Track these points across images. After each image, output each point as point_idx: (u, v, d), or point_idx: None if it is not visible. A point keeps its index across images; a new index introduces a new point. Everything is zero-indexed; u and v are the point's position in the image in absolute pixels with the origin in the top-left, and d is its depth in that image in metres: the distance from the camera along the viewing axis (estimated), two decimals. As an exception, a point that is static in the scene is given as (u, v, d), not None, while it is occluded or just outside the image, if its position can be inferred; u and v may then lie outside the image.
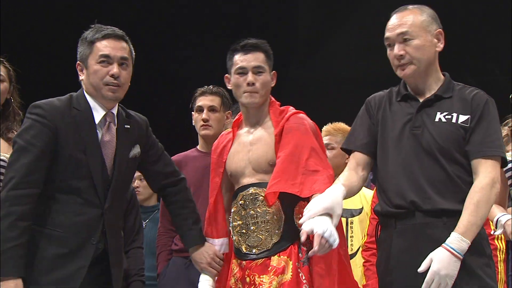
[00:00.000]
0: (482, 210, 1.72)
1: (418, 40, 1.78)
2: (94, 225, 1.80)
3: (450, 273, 1.67)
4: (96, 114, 1.84)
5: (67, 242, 1.78)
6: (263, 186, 1.91)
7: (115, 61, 1.84)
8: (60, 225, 1.79)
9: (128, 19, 5.26)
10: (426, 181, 1.78)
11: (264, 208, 1.92)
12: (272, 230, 1.92)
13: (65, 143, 1.77)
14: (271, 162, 1.96)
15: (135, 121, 1.95)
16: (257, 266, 1.90)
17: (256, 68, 1.95)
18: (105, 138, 1.85)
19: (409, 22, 1.79)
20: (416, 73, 1.80)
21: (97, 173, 1.81)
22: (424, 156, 1.79)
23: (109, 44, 1.86)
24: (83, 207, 1.81)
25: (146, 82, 5.42)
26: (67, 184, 1.79)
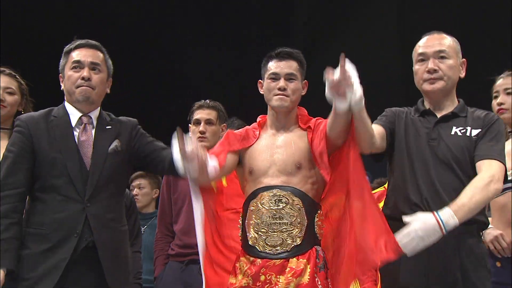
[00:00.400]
0: (476, 196, 1.82)
1: (452, 61, 1.98)
2: (76, 219, 1.91)
3: (425, 238, 1.76)
4: (73, 117, 2.01)
5: (50, 238, 1.90)
6: (287, 190, 1.97)
7: (85, 66, 2.01)
8: (43, 223, 1.92)
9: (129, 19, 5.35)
10: (442, 188, 1.91)
11: (289, 211, 1.97)
12: (295, 233, 1.97)
13: (40, 146, 1.94)
14: (297, 164, 2.03)
15: (118, 122, 2.08)
16: (275, 266, 1.94)
17: (289, 75, 2.04)
18: (82, 138, 1.99)
19: (447, 43, 2.00)
20: (443, 89, 1.98)
21: (74, 170, 1.93)
22: (440, 165, 1.93)
23: (80, 52, 2.05)
24: (64, 204, 1.92)
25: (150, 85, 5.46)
26: (48, 183, 1.94)
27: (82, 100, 2.01)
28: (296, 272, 1.93)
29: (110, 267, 1.97)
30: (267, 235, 1.99)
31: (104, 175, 1.99)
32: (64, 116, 2.02)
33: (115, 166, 2.04)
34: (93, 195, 1.96)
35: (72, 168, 1.95)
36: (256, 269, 1.97)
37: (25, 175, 1.94)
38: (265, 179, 2.03)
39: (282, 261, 1.95)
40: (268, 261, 1.96)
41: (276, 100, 2.05)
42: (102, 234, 1.96)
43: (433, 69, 1.97)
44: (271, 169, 2.04)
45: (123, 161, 2.05)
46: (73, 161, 1.96)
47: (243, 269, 2.00)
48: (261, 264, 1.97)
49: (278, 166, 2.03)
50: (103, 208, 1.98)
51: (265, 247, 1.98)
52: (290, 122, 2.12)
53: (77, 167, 1.96)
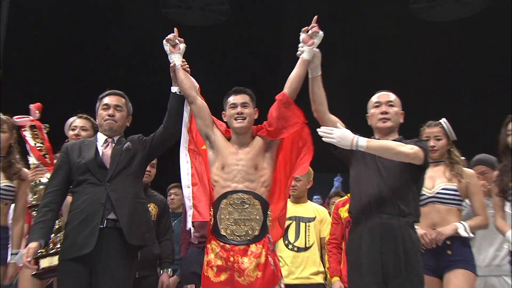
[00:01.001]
0: (388, 144, 2.24)
1: (397, 108, 2.47)
2: (100, 195, 2.39)
3: (339, 141, 2.16)
4: (100, 140, 2.58)
5: (84, 211, 2.38)
6: (250, 194, 2.33)
7: (111, 107, 2.60)
8: (79, 204, 2.41)
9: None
10: (387, 192, 2.25)
11: (250, 210, 2.32)
12: (254, 226, 2.32)
13: (72, 159, 2.50)
14: (255, 166, 2.39)
15: (130, 139, 2.60)
16: (240, 250, 2.27)
17: (243, 103, 2.46)
18: (104, 151, 2.53)
19: (394, 97, 2.48)
20: (390, 127, 2.42)
21: (93, 167, 2.45)
22: (385, 174, 2.30)
23: (109, 98, 2.63)
24: (91, 188, 2.42)
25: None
26: (78, 180, 2.47)
27: (108, 129, 2.58)
28: (256, 254, 2.26)
29: (126, 224, 2.36)
30: (234, 227, 2.30)
31: (119, 165, 2.48)
32: (93, 140, 2.61)
33: (128, 159, 2.51)
34: (111, 178, 2.44)
35: (92, 166, 2.46)
36: (226, 253, 2.28)
37: (62, 178, 2.49)
38: (232, 183, 2.35)
39: (245, 247, 2.28)
40: (234, 247, 2.28)
41: (236, 122, 2.44)
42: (119, 202, 2.39)
43: (386, 111, 2.41)
44: (236, 177, 2.36)
45: (134, 155, 2.52)
46: (92, 162, 2.47)
47: (215, 251, 2.31)
48: (229, 249, 2.28)
49: (242, 174, 2.35)
50: (120, 185, 2.43)
51: (232, 236, 2.30)
52: (248, 139, 2.46)
53: (95, 164, 2.46)
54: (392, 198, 2.25)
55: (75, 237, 2.34)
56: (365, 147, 2.18)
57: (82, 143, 2.60)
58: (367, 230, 2.26)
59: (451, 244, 2.55)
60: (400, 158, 2.23)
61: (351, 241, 2.35)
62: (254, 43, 9.12)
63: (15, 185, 2.83)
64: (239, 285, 2.25)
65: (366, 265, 2.22)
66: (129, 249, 2.39)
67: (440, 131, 2.76)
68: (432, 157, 2.75)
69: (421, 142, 2.37)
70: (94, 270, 2.33)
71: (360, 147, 2.18)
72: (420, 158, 2.24)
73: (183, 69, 2.56)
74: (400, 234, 2.20)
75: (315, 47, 2.43)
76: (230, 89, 2.61)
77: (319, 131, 2.25)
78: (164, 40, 2.58)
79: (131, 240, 2.36)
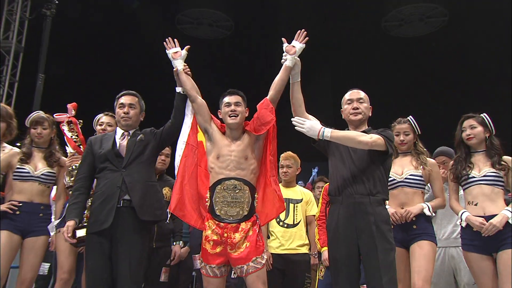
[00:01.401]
0: (349, 134, 2.22)
1: (366, 104, 2.41)
2: (117, 179, 2.38)
3: (308, 130, 2.17)
4: (118, 133, 2.55)
5: (104, 192, 2.38)
6: (241, 180, 2.29)
7: (126, 105, 2.56)
8: (101, 187, 2.41)
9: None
10: (358, 175, 2.22)
11: (241, 194, 2.29)
12: (244, 207, 2.29)
13: (94, 149, 2.49)
14: (246, 157, 2.34)
15: (143, 132, 2.56)
16: (232, 227, 2.26)
17: (236, 102, 2.42)
18: (121, 142, 2.50)
19: (363, 95, 2.42)
20: (360, 119, 2.37)
21: (111, 156, 2.43)
22: (356, 159, 2.26)
23: (124, 98, 2.59)
24: (110, 173, 2.41)
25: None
26: (99, 167, 2.46)
27: (124, 125, 2.56)
28: (245, 230, 2.27)
29: (138, 203, 2.35)
30: (228, 208, 2.28)
31: (133, 154, 2.45)
32: (112, 134, 2.58)
33: (141, 148, 2.48)
34: (126, 165, 2.42)
35: (110, 155, 2.44)
36: (221, 230, 2.27)
37: (88, 166, 2.49)
38: (226, 171, 2.32)
39: (236, 224, 2.27)
40: (228, 225, 2.27)
41: (230, 119, 2.39)
42: (133, 185, 2.38)
43: (357, 107, 2.36)
44: (229, 166, 2.33)
45: (146, 145, 2.49)
46: (110, 152, 2.45)
47: (212, 228, 2.28)
48: (223, 226, 2.27)
49: (234, 164, 2.32)
50: (134, 171, 2.42)
51: (226, 216, 2.28)
52: (240, 134, 2.41)
53: (113, 154, 2.44)
54: (362, 180, 2.23)
55: (97, 215, 2.35)
56: (330, 137, 2.17)
57: (103, 137, 2.59)
58: (343, 208, 2.24)
59: (416, 220, 2.54)
60: (361, 146, 2.21)
61: (330, 218, 2.32)
62: (253, 53, 9.18)
63: (55, 171, 2.85)
64: (232, 256, 2.25)
65: (343, 238, 2.20)
66: (142, 224, 2.38)
67: (408, 127, 2.72)
68: (401, 149, 2.74)
69: (385, 131, 2.32)
70: (114, 241, 2.34)
71: (326, 137, 2.17)
72: (380, 145, 2.20)
73: (184, 72, 2.53)
74: (372, 209, 2.18)
75: (296, 55, 2.40)
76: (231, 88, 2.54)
77: (293, 120, 2.23)
78: (166, 49, 2.57)
79: (142, 217, 2.35)
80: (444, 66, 8.67)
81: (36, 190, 2.75)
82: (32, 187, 2.74)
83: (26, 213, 2.69)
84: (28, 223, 2.68)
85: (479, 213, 2.50)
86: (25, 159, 2.77)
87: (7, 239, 2.60)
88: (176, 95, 2.55)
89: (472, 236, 2.48)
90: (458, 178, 2.62)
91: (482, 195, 2.51)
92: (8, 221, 2.64)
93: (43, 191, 2.79)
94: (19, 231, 2.66)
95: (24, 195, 2.72)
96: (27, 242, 2.68)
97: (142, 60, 8.57)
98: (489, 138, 2.61)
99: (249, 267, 2.23)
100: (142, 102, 2.64)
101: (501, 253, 2.39)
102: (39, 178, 2.78)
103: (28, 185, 2.73)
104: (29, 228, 2.68)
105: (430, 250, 2.47)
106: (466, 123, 2.66)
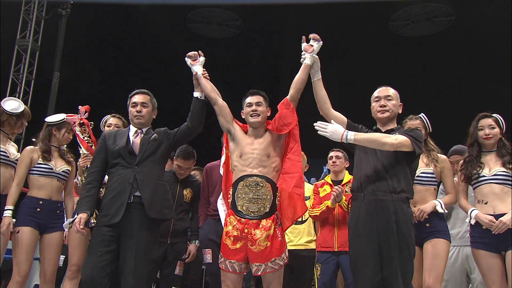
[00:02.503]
0: (373, 136, 2.14)
1: (395, 101, 2.32)
2: (129, 176, 2.37)
3: (331, 134, 2.13)
4: (131, 131, 2.54)
5: (116, 188, 2.37)
6: (263, 178, 2.27)
7: (139, 104, 2.55)
8: (113, 182, 2.40)
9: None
10: (382, 173, 2.16)
11: (264, 191, 2.27)
12: (266, 204, 2.27)
13: (108, 145, 2.48)
14: (268, 155, 2.32)
15: (157, 131, 2.55)
16: (253, 224, 2.25)
17: (257, 102, 2.41)
18: (135, 140, 2.49)
19: (392, 92, 2.34)
20: (388, 117, 2.30)
21: (124, 153, 2.41)
22: (381, 157, 2.19)
23: (136, 96, 2.58)
24: (122, 170, 2.40)
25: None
26: (112, 163, 2.45)
27: (137, 123, 2.55)
28: (266, 227, 2.24)
29: (148, 201, 2.33)
30: (249, 205, 2.26)
31: (146, 152, 2.44)
32: (126, 130, 2.57)
33: (154, 147, 2.47)
34: (139, 163, 2.40)
35: (123, 152, 2.43)
36: (242, 226, 2.25)
37: (101, 161, 2.47)
38: (248, 168, 2.30)
39: (257, 221, 2.25)
40: (249, 221, 2.25)
41: (252, 119, 2.39)
42: (144, 183, 2.37)
43: (384, 105, 2.28)
44: (252, 163, 2.31)
45: (159, 145, 2.48)
46: (123, 148, 2.43)
47: (233, 223, 2.28)
48: (244, 222, 2.25)
49: (256, 161, 2.31)
50: (146, 169, 2.41)
51: (247, 212, 2.26)
52: (262, 133, 2.41)
53: (126, 151, 2.43)
54: (386, 177, 2.16)
55: (108, 209, 2.35)
56: (353, 140, 2.13)
57: (117, 132, 2.59)
58: (365, 206, 2.17)
59: (429, 218, 2.48)
60: (386, 148, 2.14)
61: (352, 215, 2.26)
62: (261, 51, 9.14)
63: (70, 169, 2.91)
64: (251, 252, 2.23)
65: (363, 235, 2.15)
66: (151, 221, 2.37)
67: (420, 123, 2.66)
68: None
69: (413, 131, 2.24)
70: (123, 235, 2.33)
71: (349, 140, 2.12)
72: (407, 145, 2.13)
73: (204, 77, 2.51)
74: (393, 208, 2.11)
75: (315, 53, 2.38)
76: (241, 87, 2.53)
77: (315, 125, 2.19)
78: (186, 56, 2.55)
79: (150, 214, 2.34)
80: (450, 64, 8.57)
81: (55, 186, 2.82)
82: (52, 183, 2.80)
83: (45, 210, 2.76)
84: (47, 220, 2.76)
85: (489, 211, 2.45)
86: (47, 156, 2.82)
87: (30, 235, 2.70)
88: (193, 100, 2.52)
89: (482, 233, 2.44)
90: (469, 178, 2.56)
91: (492, 194, 2.46)
92: (30, 218, 2.71)
93: (59, 187, 2.86)
94: (38, 227, 2.74)
95: (44, 191, 2.78)
96: (46, 238, 2.77)
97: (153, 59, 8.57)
98: (501, 139, 2.56)
99: (267, 267, 2.21)
100: (154, 101, 2.63)
101: (510, 252, 2.35)
102: (59, 174, 2.84)
103: (48, 181, 2.79)
104: (47, 224, 2.76)
105: (443, 249, 2.43)
106: (483, 122, 2.58)
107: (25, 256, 2.65)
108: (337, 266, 3.04)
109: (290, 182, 2.24)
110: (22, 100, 7.02)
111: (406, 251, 2.09)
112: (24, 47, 7.18)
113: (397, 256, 2.05)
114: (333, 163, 3.24)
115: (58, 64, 6.94)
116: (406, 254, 2.08)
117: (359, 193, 2.22)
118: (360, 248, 2.14)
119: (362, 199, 2.19)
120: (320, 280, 3.06)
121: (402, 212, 2.12)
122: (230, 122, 2.44)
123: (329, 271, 3.01)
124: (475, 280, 2.77)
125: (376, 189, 2.15)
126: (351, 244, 2.23)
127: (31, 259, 2.70)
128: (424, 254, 2.45)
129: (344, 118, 2.36)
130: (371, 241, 2.11)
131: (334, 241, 3.04)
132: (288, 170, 2.29)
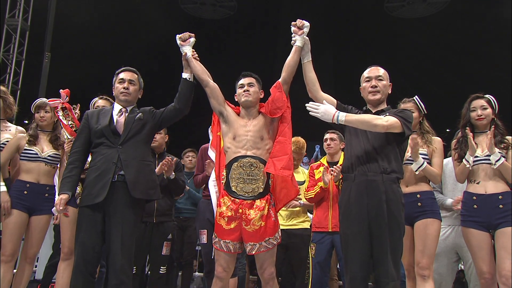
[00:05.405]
0: (364, 117, 2.14)
1: (385, 82, 2.30)
2: (113, 155, 2.32)
3: (322, 115, 2.12)
4: (116, 109, 2.46)
5: (100, 168, 2.32)
6: (256, 159, 2.28)
7: (126, 81, 2.48)
8: (96, 161, 2.36)
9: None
10: (372, 153, 2.16)
11: (257, 172, 2.29)
12: (259, 185, 2.29)
13: (91, 124, 2.42)
14: (262, 137, 2.33)
15: (142, 110, 2.48)
16: (247, 204, 2.26)
17: (249, 83, 2.41)
18: (119, 119, 2.43)
19: (382, 72, 2.31)
20: (379, 98, 2.28)
21: (108, 132, 2.36)
22: (371, 138, 2.18)
23: (124, 73, 2.51)
24: (106, 149, 2.35)
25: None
26: (96, 142, 2.39)
27: (123, 100, 2.46)
28: (260, 208, 2.25)
29: (132, 181, 2.30)
30: (243, 185, 2.27)
31: (131, 131, 2.38)
32: (110, 109, 2.49)
33: (139, 127, 2.41)
34: (123, 142, 2.35)
35: (106, 131, 2.37)
36: (236, 206, 2.26)
37: (83, 141, 2.41)
38: (242, 150, 2.31)
39: (251, 201, 2.26)
40: (243, 201, 2.26)
41: (243, 96, 2.38)
42: (128, 163, 2.33)
43: (375, 85, 2.26)
44: (246, 145, 2.32)
45: (144, 124, 2.42)
46: (106, 128, 2.37)
47: (227, 204, 2.28)
48: (239, 203, 2.26)
49: (250, 143, 2.32)
50: (130, 149, 2.36)
51: (242, 192, 2.27)
52: (255, 114, 2.40)
53: (110, 130, 2.36)
54: (376, 158, 2.16)
55: (91, 188, 2.31)
56: (344, 121, 2.12)
57: (100, 111, 2.52)
58: (355, 186, 2.17)
59: (420, 198, 2.50)
60: (377, 129, 2.13)
61: (342, 195, 2.26)
62: (255, 33, 9.04)
63: (60, 153, 2.90)
64: (245, 232, 2.25)
65: (354, 215, 2.15)
66: (135, 201, 2.33)
67: (413, 105, 2.64)
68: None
69: (403, 112, 2.23)
70: (107, 215, 2.30)
71: (340, 121, 2.11)
72: (397, 127, 2.13)
73: (194, 58, 2.47)
74: (383, 188, 2.11)
75: (305, 35, 2.35)
76: (234, 68, 2.50)
77: (307, 106, 2.16)
78: (177, 36, 2.50)
79: (134, 194, 2.30)
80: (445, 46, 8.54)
81: (43, 170, 2.82)
82: (39, 168, 2.81)
83: (33, 193, 2.77)
84: (34, 202, 2.76)
85: (480, 191, 2.49)
86: (33, 141, 2.83)
87: (17, 218, 2.72)
88: (181, 81, 2.47)
89: (472, 212, 2.48)
90: (462, 158, 2.56)
91: (484, 174, 2.49)
92: (17, 201, 2.73)
93: (49, 171, 2.86)
94: (26, 209, 2.75)
95: (31, 175, 2.80)
96: (33, 220, 2.77)
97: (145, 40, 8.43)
98: (494, 119, 2.57)
99: (261, 246, 2.24)
100: (141, 80, 2.57)
101: (500, 231, 2.38)
102: (46, 159, 2.84)
103: (35, 165, 2.81)
104: (35, 207, 2.77)
105: (435, 229, 2.45)
106: (475, 103, 2.58)
107: (9, 238, 2.67)
108: (332, 245, 3.08)
109: (277, 164, 2.25)
110: (13, 82, 6.96)
111: (396, 230, 2.10)
112: (14, 27, 7.03)
113: (387, 235, 2.07)
114: (328, 145, 3.25)
115: (49, 44, 6.80)
116: (396, 233, 2.10)
117: (350, 174, 2.22)
118: (350, 228, 2.15)
119: (352, 179, 2.20)
120: (315, 260, 3.09)
121: (392, 191, 2.13)
122: (222, 104, 2.43)
123: (323, 251, 3.05)
124: (468, 258, 2.76)
125: (367, 170, 2.16)
126: (342, 224, 2.24)
127: (15, 240, 2.70)
128: (416, 234, 2.47)
129: (333, 99, 2.35)
130: (362, 221, 2.12)
131: (329, 221, 3.07)
132: (277, 154, 2.30)
